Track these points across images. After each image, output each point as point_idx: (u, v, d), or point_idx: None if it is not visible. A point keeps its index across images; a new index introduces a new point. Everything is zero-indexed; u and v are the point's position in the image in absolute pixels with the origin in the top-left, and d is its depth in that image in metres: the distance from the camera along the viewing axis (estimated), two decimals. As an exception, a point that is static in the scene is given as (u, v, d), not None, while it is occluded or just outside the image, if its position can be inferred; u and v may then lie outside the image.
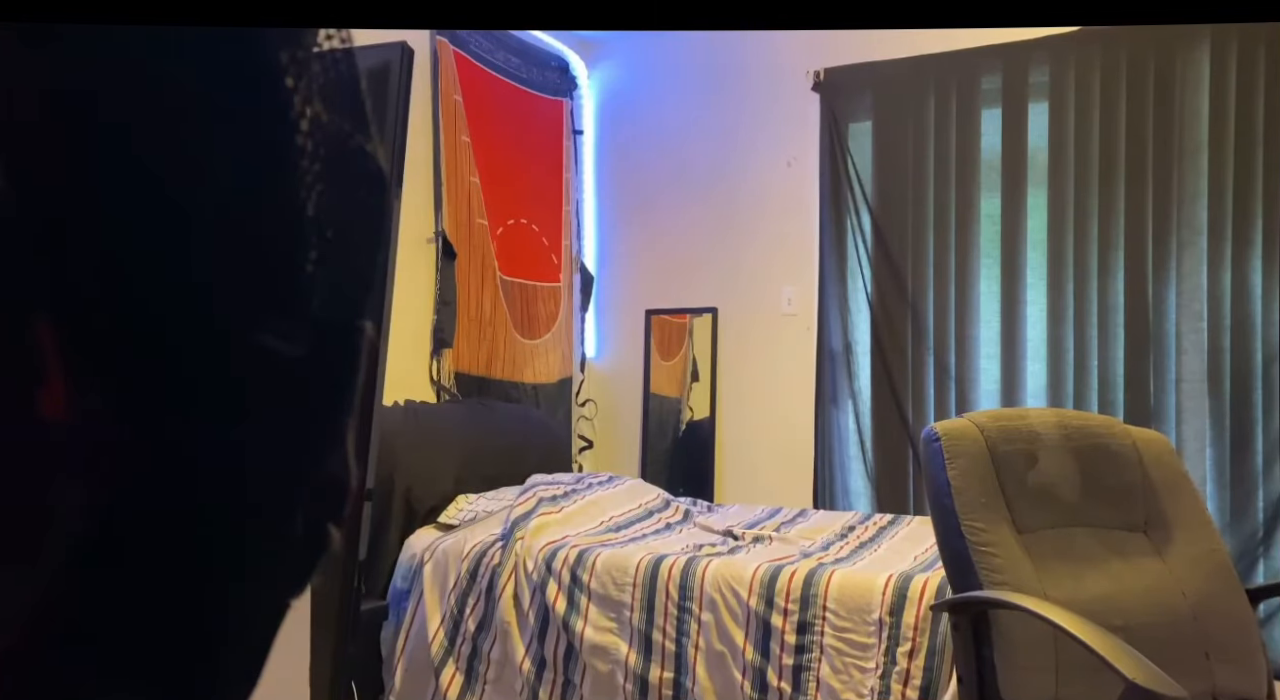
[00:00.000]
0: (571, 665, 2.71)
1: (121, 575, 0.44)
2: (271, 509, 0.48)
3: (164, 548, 0.45)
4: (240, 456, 0.46)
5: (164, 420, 0.44)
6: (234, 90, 0.45)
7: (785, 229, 4.07)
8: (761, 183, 4.13)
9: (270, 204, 0.45)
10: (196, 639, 0.47)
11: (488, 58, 3.88)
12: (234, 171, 0.44)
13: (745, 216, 4.17)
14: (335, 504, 0.51)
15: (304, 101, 0.45)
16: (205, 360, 0.44)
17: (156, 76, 0.43)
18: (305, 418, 0.48)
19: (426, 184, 3.59)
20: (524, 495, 3.11)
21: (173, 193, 0.43)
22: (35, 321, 0.41)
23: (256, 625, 0.49)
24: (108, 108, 0.42)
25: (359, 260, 0.49)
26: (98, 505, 0.43)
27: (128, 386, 0.43)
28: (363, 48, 0.49)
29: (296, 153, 0.45)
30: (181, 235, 0.43)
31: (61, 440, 0.42)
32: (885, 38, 3.76)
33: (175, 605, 0.46)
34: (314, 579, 0.52)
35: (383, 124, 2.13)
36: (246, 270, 0.45)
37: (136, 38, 0.44)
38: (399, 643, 2.91)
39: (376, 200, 0.51)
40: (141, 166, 0.43)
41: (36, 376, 0.41)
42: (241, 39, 0.46)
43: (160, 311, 0.43)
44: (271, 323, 0.45)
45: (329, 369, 0.48)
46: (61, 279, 0.42)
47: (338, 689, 2.29)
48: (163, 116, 0.43)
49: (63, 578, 0.43)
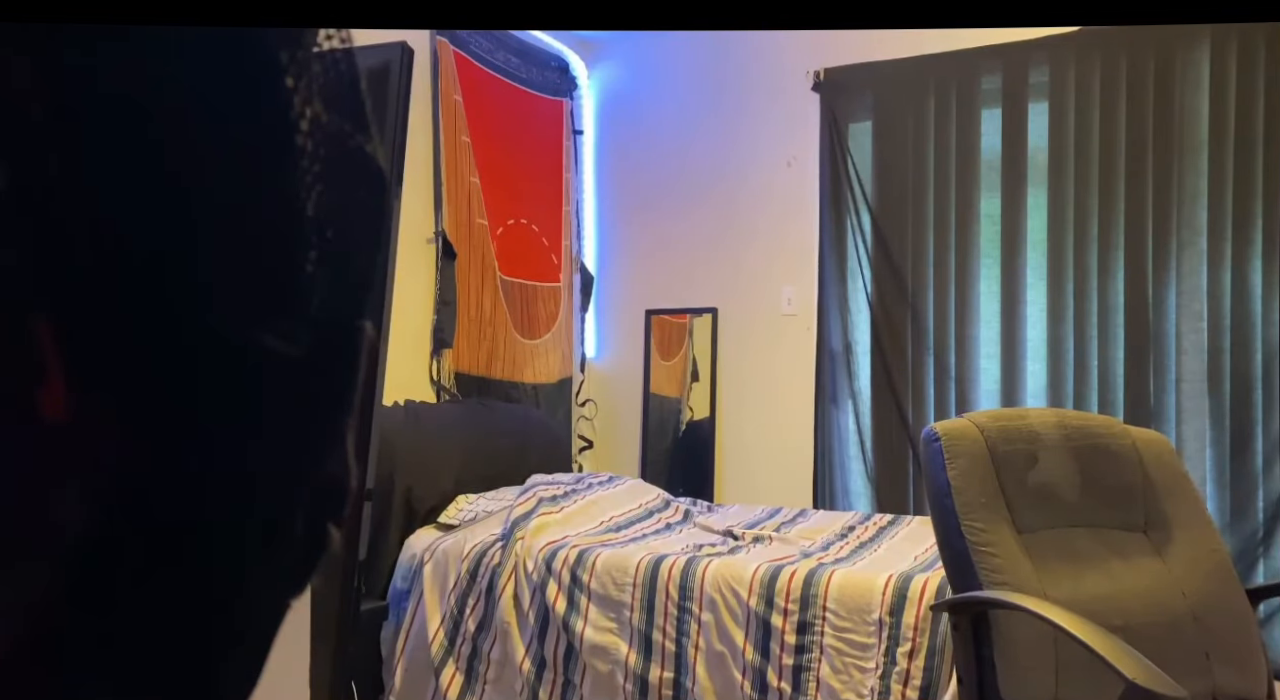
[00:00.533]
0: (571, 665, 2.71)
1: (120, 576, 0.44)
2: (271, 509, 0.48)
3: (163, 548, 0.45)
4: (240, 456, 0.46)
5: (163, 420, 0.44)
6: (234, 90, 0.45)
7: (785, 229, 4.07)
8: (761, 183, 4.13)
9: (270, 204, 0.45)
10: (195, 640, 0.47)
11: (488, 58, 3.88)
12: (234, 171, 0.44)
13: (745, 216, 4.17)
14: (335, 504, 0.51)
15: (304, 101, 0.45)
16: (205, 360, 0.44)
17: (157, 76, 0.43)
18: (305, 418, 0.48)
19: (426, 184, 3.59)
20: (524, 495, 3.11)
21: (172, 193, 0.43)
22: (35, 321, 0.41)
23: (256, 625, 0.49)
24: (108, 107, 0.42)
25: (359, 260, 0.49)
26: (96, 506, 0.43)
27: (127, 386, 0.43)
28: (363, 48, 0.49)
29: (296, 153, 0.45)
30: (181, 235, 0.43)
31: (61, 440, 0.42)
32: (885, 38, 3.76)
33: (174, 606, 0.46)
34: (314, 579, 0.52)
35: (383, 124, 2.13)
36: (246, 270, 0.45)
37: (136, 37, 0.44)
38: (399, 643, 2.91)
39: (376, 200, 0.51)
40: (141, 166, 0.43)
41: (36, 376, 0.41)
42: (241, 39, 0.46)
43: (160, 311, 0.43)
44: (271, 323, 0.45)
45: (329, 369, 0.48)
46: (61, 279, 0.42)
47: (338, 689, 2.29)
48: (162, 116, 0.43)
49: (61, 579, 0.43)
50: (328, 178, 0.45)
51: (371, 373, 2.15)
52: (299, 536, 0.49)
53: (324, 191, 0.45)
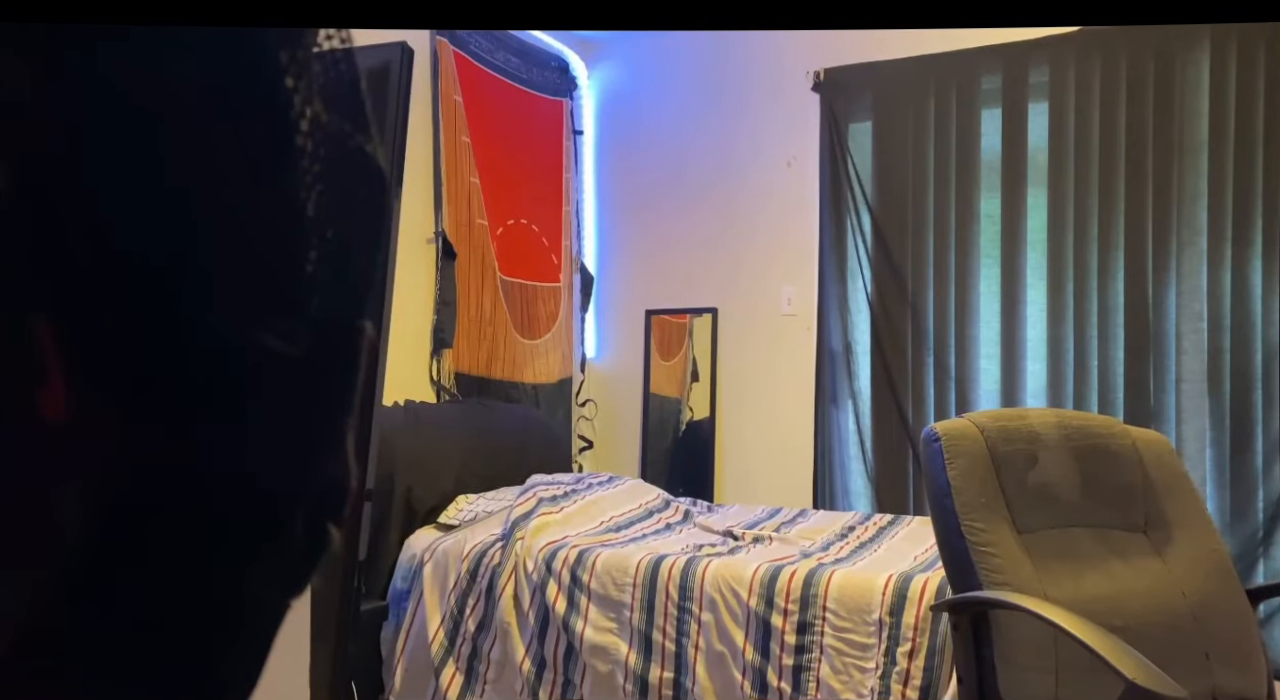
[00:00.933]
0: (571, 665, 2.71)
1: (120, 576, 0.44)
2: (271, 509, 0.48)
3: (162, 548, 0.45)
4: (240, 456, 0.46)
5: (163, 420, 0.44)
6: (233, 90, 0.45)
7: (785, 229, 4.07)
8: (761, 183, 4.13)
9: (270, 204, 0.45)
10: (195, 640, 0.47)
11: (488, 58, 3.88)
12: (234, 171, 0.44)
13: (745, 216, 4.17)
14: (335, 504, 0.51)
15: (304, 101, 0.45)
16: (205, 360, 0.44)
17: (156, 76, 0.43)
18: (305, 418, 0.48)
19: (426, 184, 3.59)
20: (524, 495, 3.11)
21: (172, 193, 0.43)
22: (35, 321, 0.41)
23: (256, 625, 0.49)
24: (108, 107, 0.42)
25: (359, 260, 0.49)
26: (96, 506, 0.43)
27: (127, 386, 0.43)
28: (363, 48, 0.49)
29: (296, 153, 0.45)
30: (181, 235, 0.43)
31: (61, 440, 0.42)
32: (885, 38, 3.76)
33: (174, 606, 0.46)
34: (314, 579, 0.52)
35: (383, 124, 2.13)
36: (246, 270, 0.45)
37: (136, 37, 0.44)
38: (399, 643, 2.91)
39: (376, 200, 0.51)
40: (141, 166, 0.43)
41: (36, 376, 0.41)
42: (241, 39, 0.46)
43: (160, 311, 0.43)
44: (271, 323, 0.45)
45: (329, 369, 0.48)
46: (61, 279, 0.42)
47: (338, 689, 2.29)
48: (163, 116, 0.43)
49: (61, 579, 0.43)
50: (328, 178, 0.45)
51: (371, 373, 2.15)
52: (299, 536, 0.49)
53: (324, 191, 0.45)
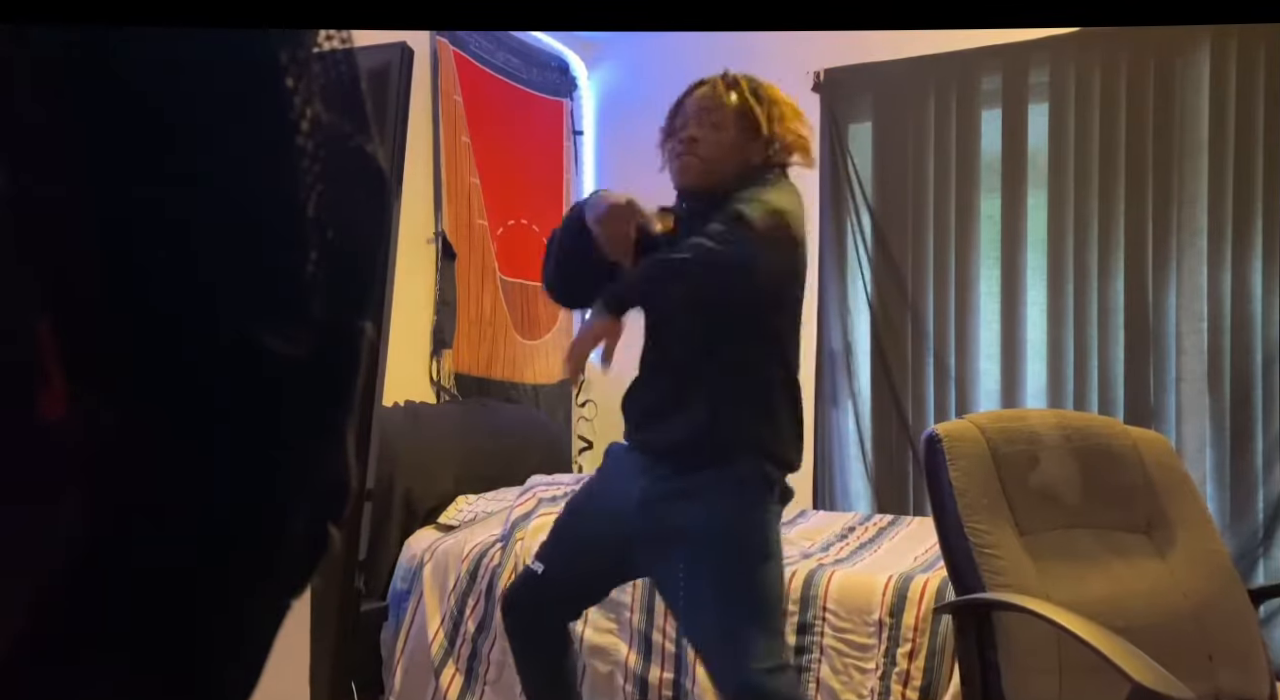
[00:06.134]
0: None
1: (119, 577, 0.44)
2: (271, 509, 0.48)
3: (162, 549, 0.45)
4: (239, 456, 0.46)
5: (163, 421, 0.44)
6: (233, 90, 0.44)
7: (785, 229, 4.06)
8: (761, 183, 4.12)
9: (270, 204, 0.45)
10: (195, 641, 0.47)
11: (488, 58, 3.88)
12: (234, 172, 0.44)
13: (745, 217, 4.16)
14: (335, 504, 0.51)
15: (304, 101, 0.45)
16: (205, 360, 0.44)
17: (156, 77, 0.43)
18: (305, 418, 0.48)
19: (426, 184, 3.59)
20: (524, 496, 3.11)
21: (173, 193, 0.43)
22: (35, 321, 0.41)
23: (256, 626, 0.49)
24: (108, 107, 0.42)
25: (359, 260, 0.49)
26: (96, 506, 0.43)
27: (127, 387, 0.43)
28: (363, 48, 0.49)
29: (296, 153, 0.45)
30: (182, 235, 0.43)
31: (61, 441, 0.42)
32: (885, 38, 3.76)
33: (173, 607, 0.46)
34: (314, 579, 0.52)
35: (383, 124, 2.13)
36: (246, 270, 0.45)
37: (136, 38, 0.44)
38: (399, 643, 2.91)
39: (376, 200, 0.51)
40: (141, 166, 0.43)
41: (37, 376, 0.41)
42: (241, 39, 0.45)
43: (160, 312, 0.43)
44: (271, 323, 0.45)
45: (329, 369, 0.48)
46: (62, 279, 0.42)
47: (338, 689, 2.29)
48: (163, 117, 0.43)
49: (60, 580, 0.43)
50: (328, 178, 0.45)
51: (371, 373, 2.16)
52: (299, 536, 0.49)
53: (324, 191, 0.45)
